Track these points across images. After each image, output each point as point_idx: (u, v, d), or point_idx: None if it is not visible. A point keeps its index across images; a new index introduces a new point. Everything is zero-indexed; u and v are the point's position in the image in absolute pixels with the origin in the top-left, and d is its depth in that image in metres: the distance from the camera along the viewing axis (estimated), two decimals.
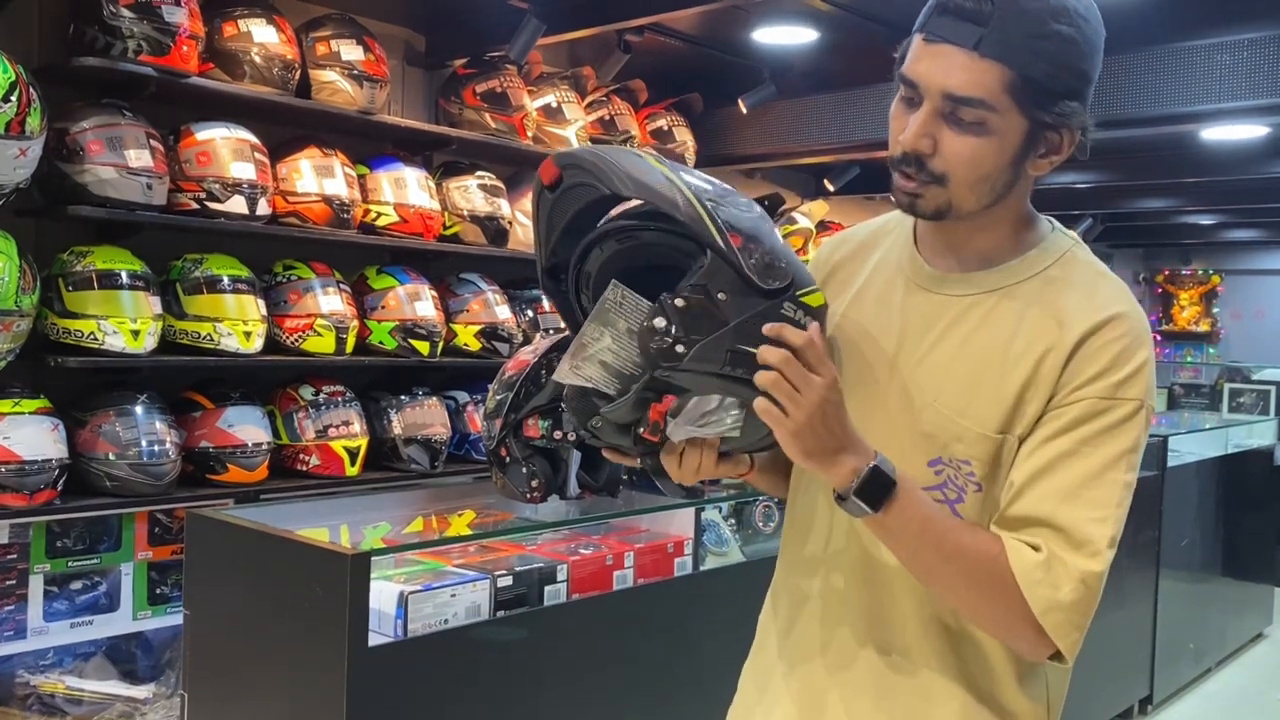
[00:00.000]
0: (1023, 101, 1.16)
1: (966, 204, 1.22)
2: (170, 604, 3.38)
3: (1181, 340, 11.44)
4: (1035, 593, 1.16)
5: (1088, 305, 1.22)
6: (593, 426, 1.23)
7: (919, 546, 1.19)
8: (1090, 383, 1.19)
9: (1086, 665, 1.31)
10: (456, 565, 2.30)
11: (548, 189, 1.23)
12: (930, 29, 1.18)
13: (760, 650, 1.49)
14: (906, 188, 1.23)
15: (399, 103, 4.27)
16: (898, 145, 1.22)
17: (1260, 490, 5.93)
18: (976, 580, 1.18)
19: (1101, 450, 1.18)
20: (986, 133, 1.18)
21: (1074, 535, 1.17)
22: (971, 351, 1.25)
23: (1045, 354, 1.21)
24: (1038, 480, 1.19)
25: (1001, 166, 1.20)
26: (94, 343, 3.10)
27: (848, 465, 1.15)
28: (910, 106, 1.22)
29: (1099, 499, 1.18)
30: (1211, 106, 4.08)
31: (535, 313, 4.35)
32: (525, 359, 2.51)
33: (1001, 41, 1.14)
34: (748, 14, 4.12)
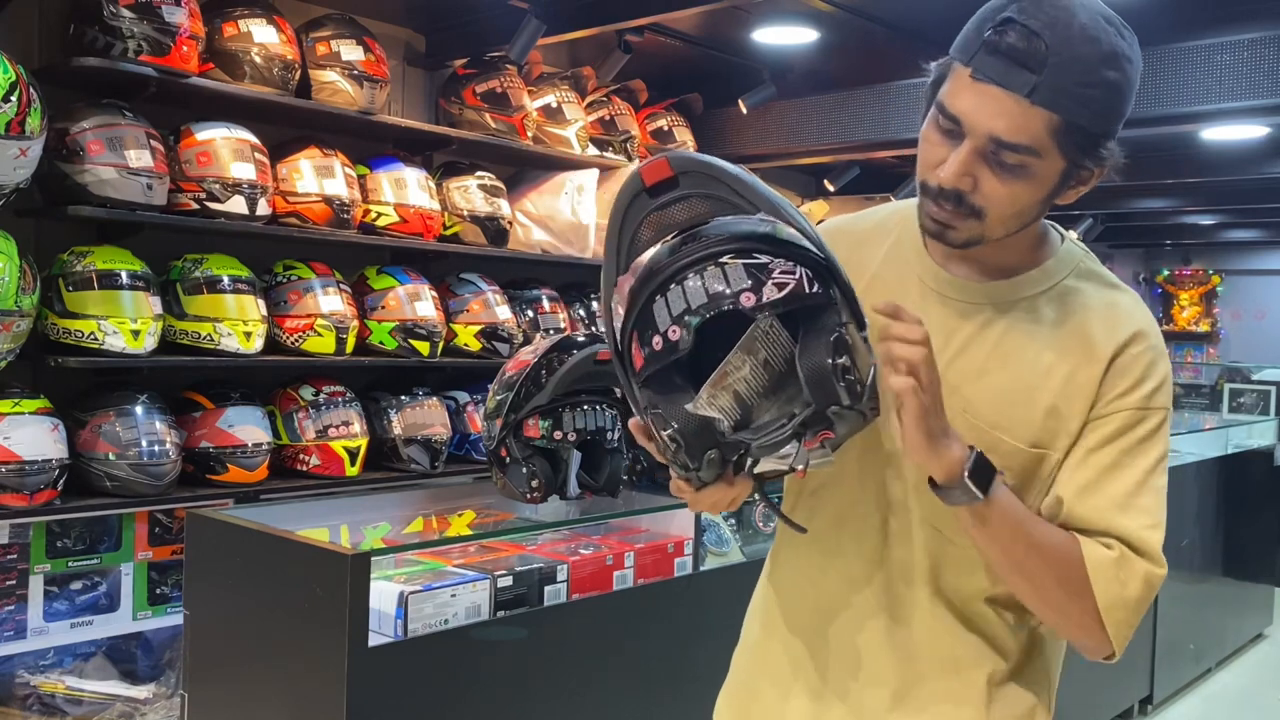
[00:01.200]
0: (1066, 147, 1.17)
1: (996, 235, 1.23)
2: (170, 604, 3.38)
3: (1181, 340, 11.44)
4: (1105, 589, 1.19)
5: (1113, 321, 1.25)
6: (709, 458, 1.12)
7: (1013, 536, 1.19)
8: (1124, 396, 1.23)
9: (1087, 665, 1.31)
10: (456, 565, 2.30)
11: (648, 192, 1.14)
12: (980, 68, 1.15)
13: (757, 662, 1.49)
14: (939, 217, 1.22)
15: (399, 103, 4.27)
16: (935, 178, 1.20)
17: (1260, 490, 5.93)
18: (1058, 573, 1.20)
19: (1141, 460, 1.23)
20: (1028, 176, 1.18)
21: (1137, 543, 1.20)
22: (1000, 364, 1.26)
23: (1076, 370, 1.24)
24: (1088, 494, 1.22)
25: (1036, 204, 1.22)
26: (94, 343, 3.10)
27: (956, 451, 1.15)
28: (949, 138, 1.19)
29: (1148, 506, 1.22)
30: (1211, 106, 4.08)
31: (535, 313, 4.35)
32: (525, 359, 2.51)
33: (1054, 88, 1.12)
34: (748, 14, 4.12)
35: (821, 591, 1.40)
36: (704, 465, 1.12)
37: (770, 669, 1.47)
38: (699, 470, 1.13)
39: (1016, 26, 1.12)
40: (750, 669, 1.53)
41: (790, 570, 1.46)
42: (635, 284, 1.12)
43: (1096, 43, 1.13)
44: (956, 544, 1.28)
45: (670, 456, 1.14)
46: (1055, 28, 1.11)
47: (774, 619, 1.48)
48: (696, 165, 1.15)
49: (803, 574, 1.44)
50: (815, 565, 1.41)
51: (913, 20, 4.10)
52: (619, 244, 1.18)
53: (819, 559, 1.40)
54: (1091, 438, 1.23)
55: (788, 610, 1.46)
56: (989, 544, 1.21)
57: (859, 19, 3.99)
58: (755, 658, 1.51)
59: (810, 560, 1.42)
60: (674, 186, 1.14)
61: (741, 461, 1.15)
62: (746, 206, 1.15)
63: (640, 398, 1.15)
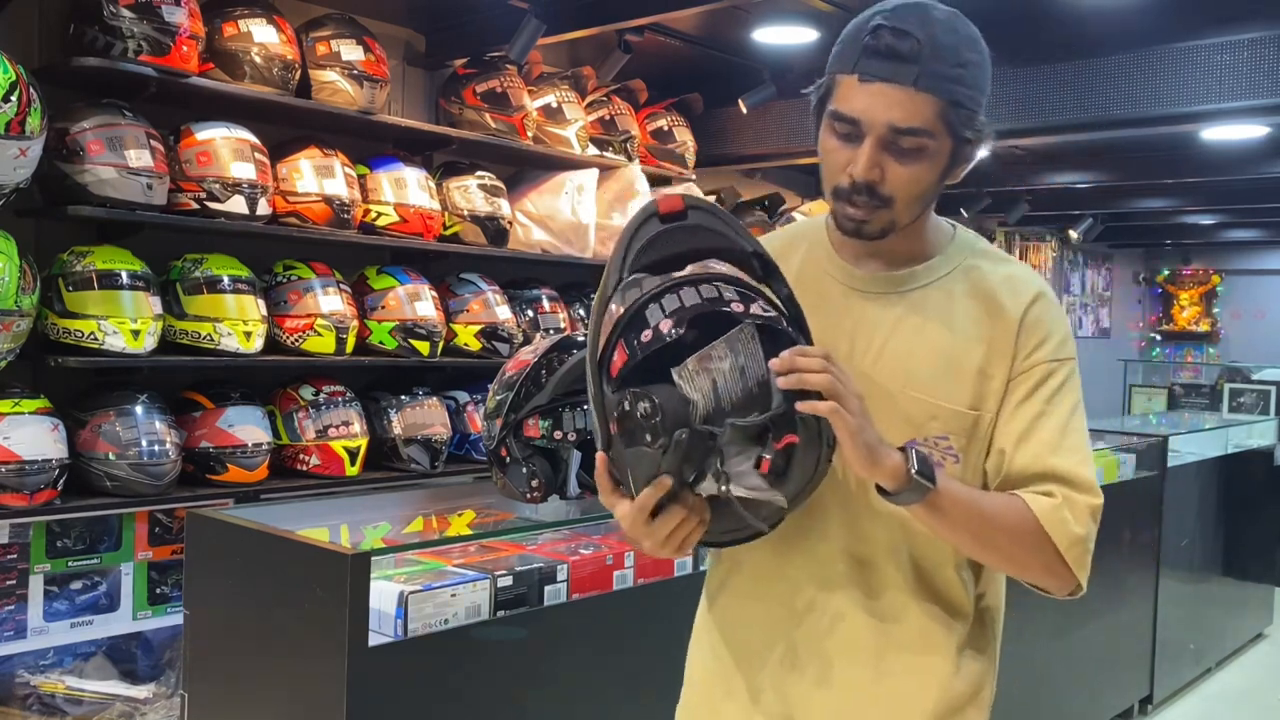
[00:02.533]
0: (952, 124, 1.32)
1: (905, 220, 1.38)
2: (170, 604, 3.38)
3: (1181, 340, 11.44)
4: (1059, 531, 1.32)
5: (1014, 288, 1.41)
6: (677, 438, 1.19)
7: (967, 515, 1.31)
8: (1036, 351, 1.38)
9: (1086, 665, 1.33)
10: (456, 565, 2.30)
11: (660, 218, 1.28)
12: (866, 70, 1.29)
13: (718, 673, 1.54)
14: (855, 214, 1.36)
15: (399, 103, 4.27)
16: (846, 177, 1.34)
17: (1260, 490, 5.93)
18: (1015, 533, 1.33)
19: (1062, 406, 1.38)
20: (925, 157, 1.33)
21: (1072, 479, 1.34)
22: (927, 340, 1.39)
23: (993, 334, 1.39)
24: (1024, 442, 1.36)
25: (934, 183, 1.37)
26: (94, 343, 3.10)
27: (895, 457, 1.24)
28: (849, 141, 1.33)
29: (1075, 445, 1.37)
30: (1211, 106, 4.08)
31: (535, 313, 4.35)
32: (525, 359, 2.52)
33: (932, 74, 1.28)
34: (748, 14, 4.12)
35: (790, 579, 1.45)
36: (671, 446, 1.19)
37: (745, 665, 1.50)
38: (664, 450, 1.19)
39: (888, 29, 1.28)
40: (715, 671, 1.55)
41: (751, 569, 1.50)
42: (634, 298, 1.23)
43: (955, 32, 1.31)
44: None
45: (638, 432, 1.20)
46: (921, 25, 1.28)
47: (738, 619, 1.52)
48: (700, 203, 1.31)
49: (767, 569, 1.47)
50: (779, 558, 1.45)
51: None
52: (625, 252, 1.30)
53: (782, 550, 1.44)
54: (1017, 393, 1.38)
55: (753, 608, 1.50)
56: (948, 529, 1.32)
57: None
58: (719, 660, 1.54)
59: (772, 556, 1.45)
60: (682, 218, 1.29)
61: (700, 473, 1.21)
62: (737, 240, 1.30)
63: (609, 399, 1.22)
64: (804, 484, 1.25)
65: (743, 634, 1.51)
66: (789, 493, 1.24)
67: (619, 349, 1.23)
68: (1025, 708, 3.73)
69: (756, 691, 1.48)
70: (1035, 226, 8.78)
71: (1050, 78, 4.37)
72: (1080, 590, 1.37)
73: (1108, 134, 4.93)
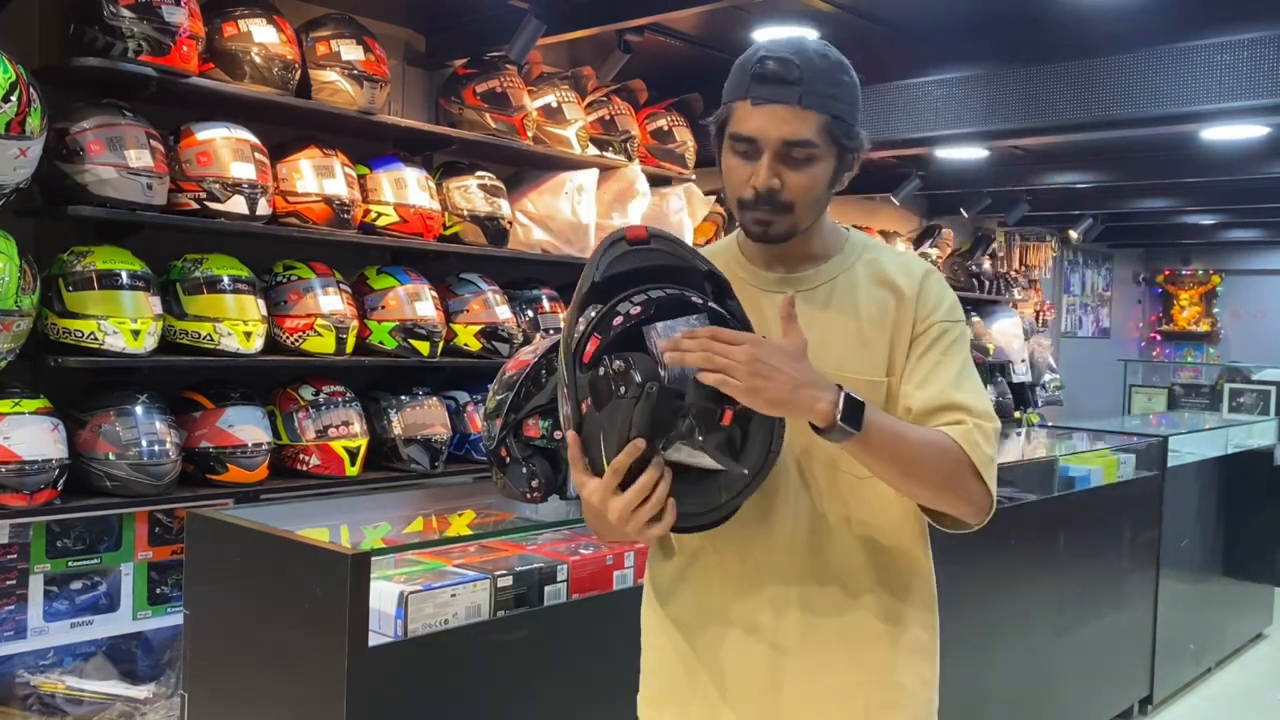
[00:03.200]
0: (834, 136, 1.51)
1: (805, 222, 1.55)
2: (170, 604, 3.38)
3: (1181, 340, 11.44)
4: (976, 453, 1.47)
5: (907, 269, 1.62)
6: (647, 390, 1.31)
7: (895, 447, 1.43)
8: (931, 314, 1.58)
9: (1086, 665, 1.33)
10: (456, 565, 2.30)
11: (628, 241, 1.46)
12: (757, 95, 1.49)
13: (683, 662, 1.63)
14: (760, 219, 1.53)
15: (399, 103, 4.28)
16: (749, 189, 1.51)
17: (1260, 490, 5.93)
18: (937, 460, 1.46)
19: (958, 355, 1.57)
20: (814, 164, 1.51)
21: (973, 408, 1.51)
22: (837, 325, 1.57)
23: (895, 308, 1.58)
24: (926, 383, 1.54)
25: (826, 188, 1.55)
26: (94, 343, 3.10)
27: (824, 399, 1.35)
28: (747, 159, 1.51)
29: (972, 385, 1.55)
30: (1211, 106, 4.08)
31: (535, 313, 4.35)
32: (525, 359, 2.51)
33: (813, 93, 1.48)
34: (748, 14, 4.12)
35: (750, 566, 1.56)
36: (643, 397, 1.30)
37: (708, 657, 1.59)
38: (635, 400, 1.30)
39: (772, 59, 1.48)
40: (675, 665, 1.63)
41: (709, 561, 1.60)
42: (606, 305, 1.38)
43: (827, 58, 1.52)
44: (858, 478, 1.53)
45: (613, 387, 1.32)
46: (799, 54, 1.49)
47: (698, 613, 1.61)
48: (661, 234, 1.48)
49: (726, 559, 1.58)
50: (739, 545, 1.56)
51: (913, 20, 4.11)
52: (593, 262, 1.47)
53: (741, 540, 1.55)
54: (916, 349, 1.56)
55: (713, 599, 1.59)
56: (879, 463, 1.44)
57: (859, 19, 3.99)
58: (679, 655, 1.63)
59: (730, 545, 1.56)
60: (646, 243, 1.46)
61: (668, 441, 1.32)
62: (693, 261, 1.47)
63: (580, 380, 1.35)
64: (761, 457, 1.36)
65: (704, 626, 1.60)
66: (749, 463, 1.35)
67: (592, 340, 1.35)
68: (1025, 708, 3.72)
69: (722, 684, 1.58)
70: (1035, 226, 8.78)
71: (1050, 78, 4.37)
72: (992, 508, 1.50)
73: (1108, 134, 4.93)
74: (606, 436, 1.34)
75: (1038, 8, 4.05)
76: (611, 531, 1.44)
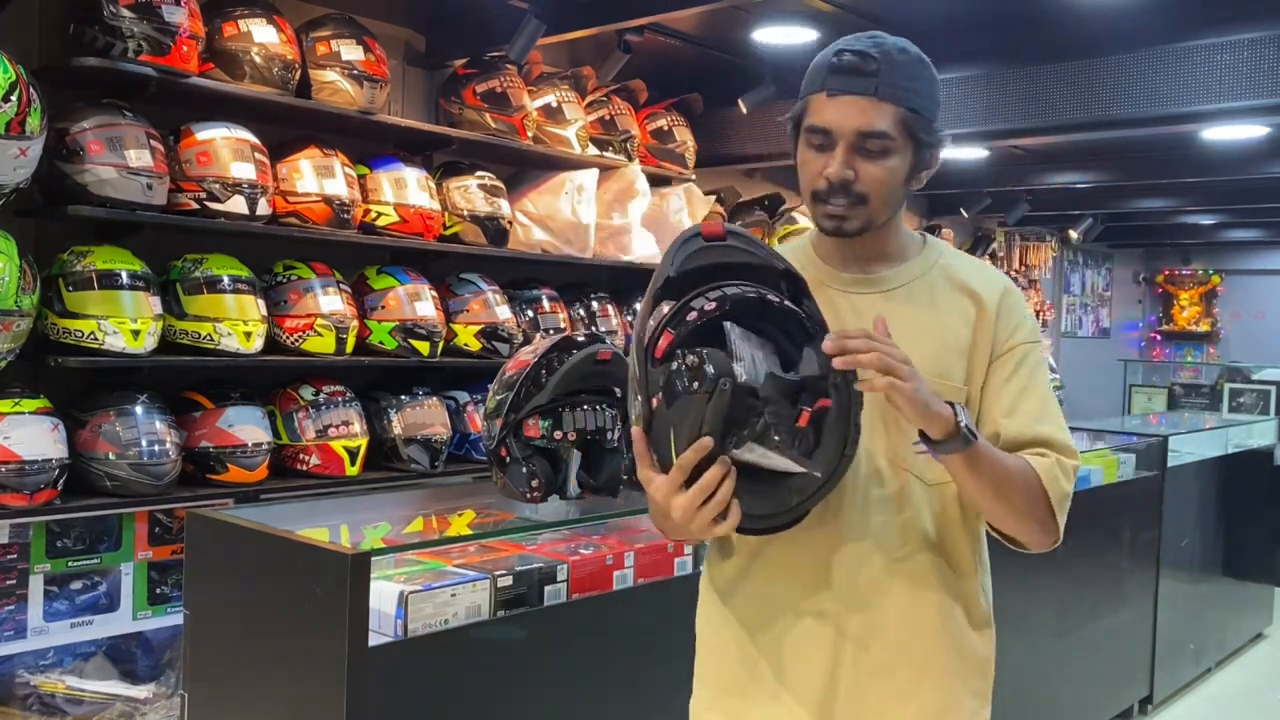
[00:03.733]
0: (911, 130, 1.50)
1: (880, 217, 1.54)
2: (170, 604, 3.38)
3: (1181, 340, 11.44)
4: (1054, 489, 1.49)
5: (987, 278, 1.61)
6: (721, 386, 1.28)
7: (992, 469, 1.45)
8: (1014, 334, 1.58)
9: (1086, 665, 1.34)
10: (456, 565, 2.30)
11: (704, 237, 1.44)
12: (834, 87, 1.49)
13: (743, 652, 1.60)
14: (835, 212, 1.51)
15: (399, 103, 4.28)
16: (822, 180, 1.50)
17: (1260, 490, 5.92)
18: (1022, 488, 1.48)
19: (1040, 380, 1.58)
20: (890, 157, 1.50)
21: (1056, 443, 1.53)
22: (919, 327, 1.54)
23: (976, 320, 1.57)
24: (1014, 412, 1.54)
25: (902, 184, 1.54)
26: (94, 343, 3.10)
27: (947, 411, 1.38)
28: (822, 151, 1.51)
29: (1054, 414, 1.57)
30: (1211, 106, 4.08)
31: (535, 313, 4.35)
32: (525, 359, 2.51)
33: (891, 85, 1.48)
34: (748, 14, 4.12)
35: (817, 560, 1.54)
36: (715, 393, 1.28)
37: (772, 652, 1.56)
38: (709, 396, 1.28)
39: (849, 53, 1.49)
40: (739, 662, 1.60)
41: (771, 557, 1.57)
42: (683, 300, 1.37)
43: (907, 53, 1.52)
44: (928, 484, 1.53)
45: (686, 381, 1.30)
46: (877, 47, 1.49)
47: (765, 608, 1.58)
48: (741, 231, 1.47)
49: (792, 555, 1.54)
50: (805, 540, 1.52)
51: (913, 20, 4.11)
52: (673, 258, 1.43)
53: (807, 537, 1.51)
54: (1000, 373, 1.56)
55: (781, 595, 1.56)
56: (978, 480, 1.45)
57: (859, 19, 3.99)
58: (743, 652, 1.59)
59: (796, 542, 1.51)
60: (722, 240, 1.44)
61: (740, 439, 1.29)
62: (770, 260, 1.45)
63: (652, 374, 1.34)
64: (834, 461, 1.33)
65: (766, 623, 1.57)
66: (822, 466, 1.32)
67: (665, 335, 1.33)
68: (1025, 708, 3.72)
69: (782, 681, 1.55)
70: (1035, 226, 8.78)
71: (1050, 78, 4.37)
72: (1057, 543, 1.54)
73: (1108, 134, 4.93)
74: (677, 432, 1.31)
75: (1038, 8, 4.05)
76: (676, 529, 1.42)
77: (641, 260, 4.74)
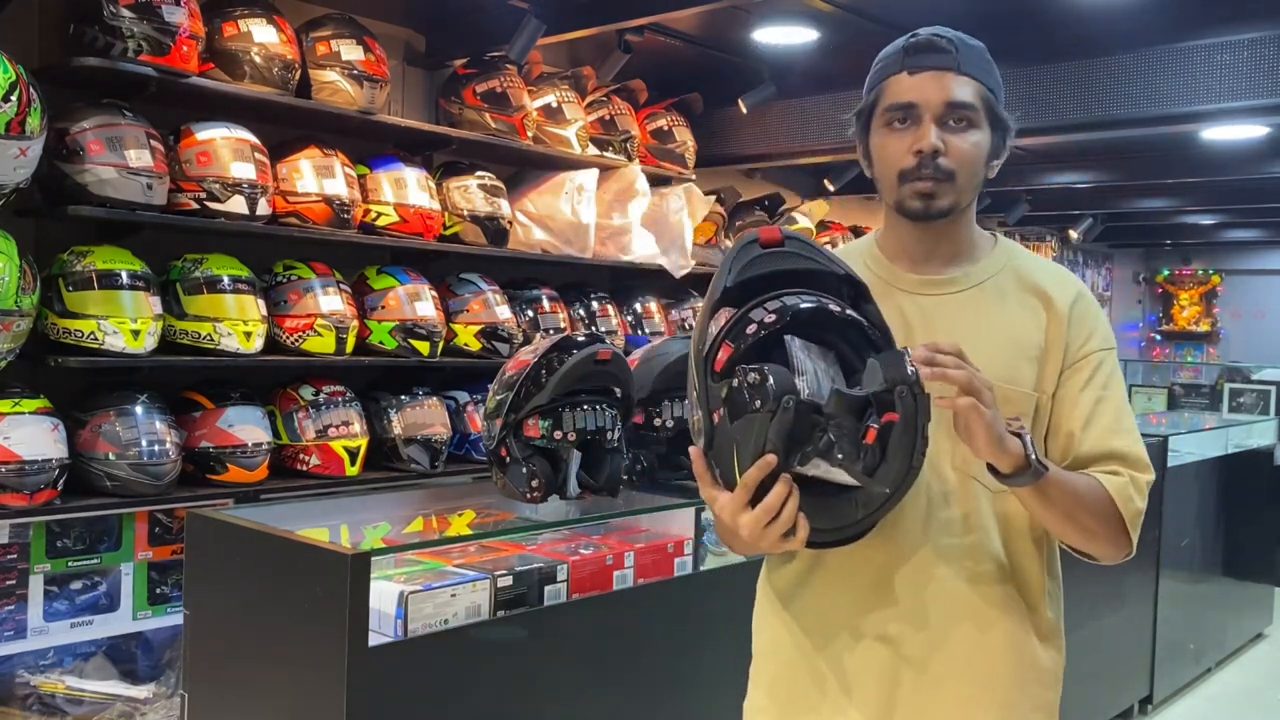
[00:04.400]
0: (990, 107, 1.51)
1: (964, 199, 1.52)
2: (170, 604, 3.38)
3: (1181, 340, 11.44)
4: (1127, 507, 1.47)
5: (1060, 281, 1.57)
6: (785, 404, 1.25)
7: (1063, 495, 1.42)
8: (1088, 340, 1.53)
9: (1086, 665, 1.35)
10: (456, 565, 2.30)
11: (761, 244, 1.41)
12: (914, 64, 1.49)
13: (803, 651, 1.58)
14: (923, 189, 1.48)
15: (399, 103, 4.27)
16: (910, 156, 1.48)
17: (1260, 490, 5.93)
18: (1094, 509, 1.45)
19: (1115, 388, 1.54)
20: (975, 132, 1.49)
21: (1131, 458, 1.50)
22: (990, 329, 1.52)
23: (1046, 322, 1.53)
24: (1089, 426, 1.51)
25: (983, 163, 1.52)
26: (94, 343, 3.10)
27: (1016, 444, 1.35)
28: (905, 130, 1.49)
29: (1129, 425, 1.53)
30: (1211, 106, 4.08)
31: (535, 313, 4.35)
32: (525, 359, 2.51)
33: (969, 63, 1.50)
34: (748, 14, 4.12)
35: (875, 561, 1.51)
36: (779, 411, 1.25)
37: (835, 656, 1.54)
38: (771, 414, 1.25)
39: (924, 36, 1.50)
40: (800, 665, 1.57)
41: (831, 564, 1.55)
42: (742, 310, 1.34)
43: (974, 41, 1.54)
44: (993, 494, 1.50)
45: (748, 400, 1.27)
46: (950, 33, 1.51)
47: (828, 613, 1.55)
48: (799, 235, 1.45)
49: (853, 562, 1.52)
50: (866, 550, 1.47)
51: (913, 20, 4.09)
52: (730, 267, 1.40)
53: (868, 545, 1.46)
54: (1075, 380, 1.52)
55: (844, 599, 1.54)
56: (1048, 508, 1.42)
57: (859, 19, 3.99)
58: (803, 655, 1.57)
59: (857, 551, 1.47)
60: (780, 246, 1.41)
61: (805, 455, 1.27)
62: (829, 265, 1.42)
63: (712, 389, 1.32)
64: (901, 474, 1.29)
65: (825, 631, 1.55)
66: (888, 481, 1.28)
67: (724, 348, 1.32)
68: None
69: (842, 690, 1.53)
70: (1035, 226, 8.78)
71: (1050, 78, 4.37)
72: (1132, 555, 1.52)
73: (1108, 134, 4.93)
74: (740, 450, 1.29)
75: (1038, 8, 4.04)
76: (744, 546, 1.40)
77: (641, 260, 4.74)
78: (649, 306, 4.90)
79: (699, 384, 1.34)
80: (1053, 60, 4.35)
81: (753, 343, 1.31)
